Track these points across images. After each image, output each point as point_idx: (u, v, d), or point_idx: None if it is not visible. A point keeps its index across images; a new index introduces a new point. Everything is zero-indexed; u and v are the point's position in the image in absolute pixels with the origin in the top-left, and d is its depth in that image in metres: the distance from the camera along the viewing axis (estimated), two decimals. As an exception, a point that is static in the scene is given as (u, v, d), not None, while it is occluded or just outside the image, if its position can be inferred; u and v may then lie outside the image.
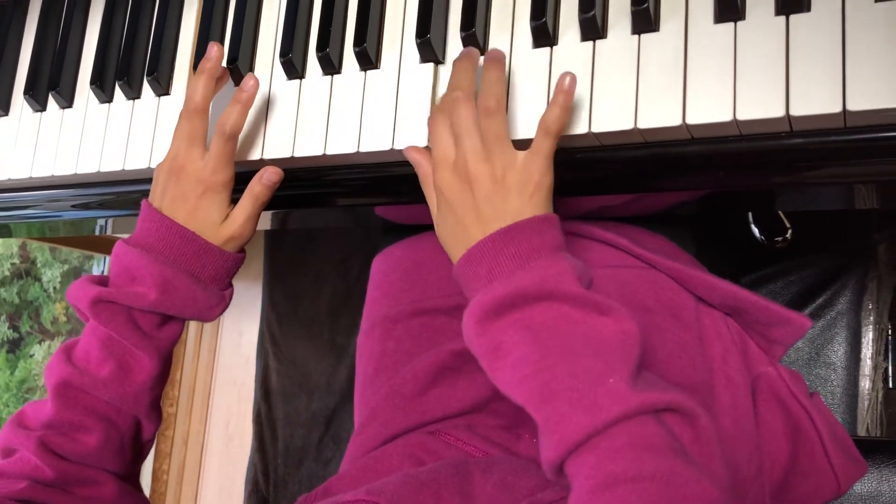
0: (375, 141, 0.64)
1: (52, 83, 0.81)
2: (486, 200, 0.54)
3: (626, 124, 0.55)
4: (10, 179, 0.83)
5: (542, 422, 0.47)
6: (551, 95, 0.58)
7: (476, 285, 0.53)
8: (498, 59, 0.58)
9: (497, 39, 0.61)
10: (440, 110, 0.58)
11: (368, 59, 0.65)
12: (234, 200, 0.67)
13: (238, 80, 0.72)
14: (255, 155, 0.69)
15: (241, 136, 0.70)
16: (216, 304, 0.67)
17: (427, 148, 0.61)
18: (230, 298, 0.69)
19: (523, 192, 0.54)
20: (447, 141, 0.57)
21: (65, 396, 0.63)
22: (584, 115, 0.57)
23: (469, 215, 0.55)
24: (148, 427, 0.68)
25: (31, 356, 1.85)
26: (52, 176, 0.80)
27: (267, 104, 0.70)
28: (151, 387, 0.65)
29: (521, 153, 0.55)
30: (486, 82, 0.57)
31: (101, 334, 0.63)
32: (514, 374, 0.49)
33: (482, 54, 0.62)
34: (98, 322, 0.63)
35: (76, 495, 0.63)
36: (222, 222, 0.66)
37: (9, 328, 1.79)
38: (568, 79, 0.55)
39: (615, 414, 0.45)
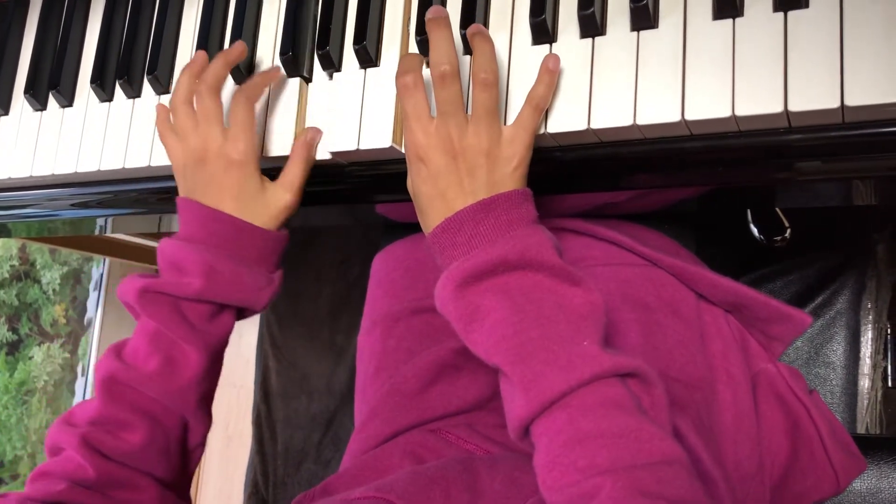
0: (375, 138, 0.64)
1: (52, 82, 0.82)
2: (471, 173, 0.55)
3: (625, 121, 0.55)
4: (10, 178, 0.83)
5: (518, 379, 0.49)
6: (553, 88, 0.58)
7: (455, 252, 0.54)
8: (482, 31, 0.58)
9: (496, 36, 0.61)
10: (411, 70, 0.57)
11: (368, 57, 0.66)
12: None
13: (238, 78, 0.72)
14: (255, 153, 0.69)
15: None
16: (264, 286, 0.66)
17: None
18: (279, 282, 0.68)
19: (507, 166, 0.56)
20: (423, 104, 0.57)
21: (110, 392, 0.61)
22: (582, 111, 0.57)
23: (452, 187, 0.55)
24: (196, 429, 0.66)
25: (31, 358, 1.85)
26: (53, 175, 0.80)
27: (267, 102, 0.70)
28: (199, 382, 0.64)
29: (506, 127, 0.57)
30: (480, 56, 0.57)
31: (150, 328, 0.62)
32: (491, 335, 0.51)
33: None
34: (146, 315, 0.62)
35: (115, 499, 0.60)
36: (264, 194, 0.65)
37: (8, 330, 1.79)
38: (552, 59, 0.57)
39: (589, 374, 0.47)
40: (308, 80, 0.70)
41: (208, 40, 0.74)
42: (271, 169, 0.69)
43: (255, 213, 0.65)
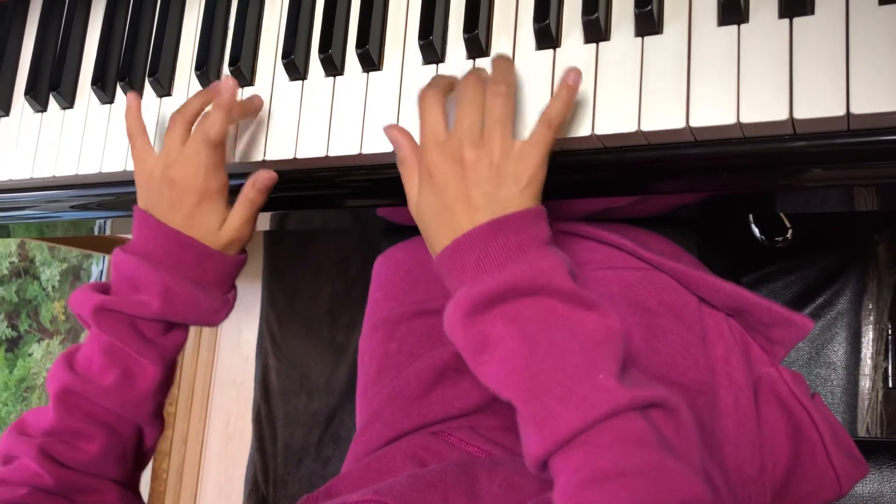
0: (378, 143, 0.64)
1: (52, 84, 0.81)
2: (478, 186, 0.53)
3: (629, 127, 0.55)
4: (10, 180, 0.83)
5: (530, 416, 0.47)
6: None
7: (463, 276, 0.52)
8: (506, 58, 0.58)
9: (499, 41, 0.61)
10: (435, 87, 0.57)
11: (371, 61, 0.65)
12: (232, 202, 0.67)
13: (240, 80, 0.71)
14: (257, 156, 0.69)
15: (244, 138, 0.70)
16: (220, 307, 0.67)
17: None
18: (234, 301, 0.69)
19: (517, 183, 0.53)
20: (439, 121, 0.55)
21: (66, 403, 0.62)
22: (587, 117, 0.57)
23: (459, 201, 0.53)
24: (150, 434, 0.68)
25: (30, 355, 1.85)
26: (54, 177, 0.80)
27: (269, 105, 0.70)
28: (154, 394, 0.65)
29: (518, 142, 0.54)
30: (498, 70, 0.56)
31: (104, 342, 0.63)
32: (501, 367, 0.49)
33: (486, 55, 0.62)
34: (101, 330, 0.63)
35: (78, 502, 0.62)
36: (220, 227, 0.66)
37: (7, 327, 1.79)
38: (573, 74, 0.55)
39: (605, 410, 0.45)
40: (310, 83, 0.70)
41: (210, 43, 0.74)
42: (275, 171, 0.68)
43: (215, 240, 0.66)
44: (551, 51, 0.59)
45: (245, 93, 0.72)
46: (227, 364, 1.76)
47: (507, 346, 0.49)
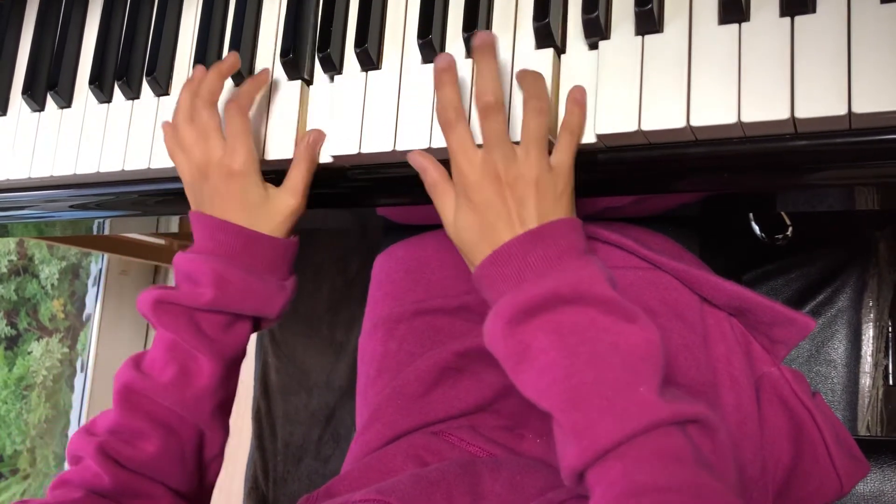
0: (377, 142, 0.63)
1: (50, 83, 0.81)
2: (521, 204, 0.54)
3: (629, 126, 0.55)
4: (8, 180, 0.83)
5: (570, 427, 0.47)
6: (558, 98, 0.58)
7: (503, 287, 0.52)
8: (538, 74, 0.57)
9: (499, 40, 0.61)
10: (453, 103, 0.57)
11: (370, 60, 0.65)
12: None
13: (238, 81, 0.71)
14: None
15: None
16: (276, 294, 0.66)
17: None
18: (292, 289, 0.68)
19: (553, 195, 0.54)
20: (467, 139, 0.56)
21: (127, 401, 0.62)
22: (588, 116, 0.57)
23: (500, 219, 0.54)
24: (212, 440, 0.66)
25: (30, 353, 1.85)
26: (51, 176, 0.80)
27: (268, 105, 0.70)
28: (213, 392, 0.64)
29: (550, 156, 0.56)
30: (529, 84, 0.56)
31: (166, 339, 0.63)
32: (542, 378, 0.49)
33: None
34: (161, 326, 0.63)
35: None
36: (268, 201, 0.65)
37: (6, 325, 1.79)
38: (578, 92, 0.57)
39: (645, 423, 0.45)
40: (309, 82, 0.69)
41: (208, 42, 0.73)
42: (274, 172, 0.68)
43: (261, 220, 0.65)
44: (551, 49, 0.59)
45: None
46: (226, 362, 1.76)
47: (548, 356, 0.49)
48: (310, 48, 0.69)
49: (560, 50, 0.60)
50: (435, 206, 0.59)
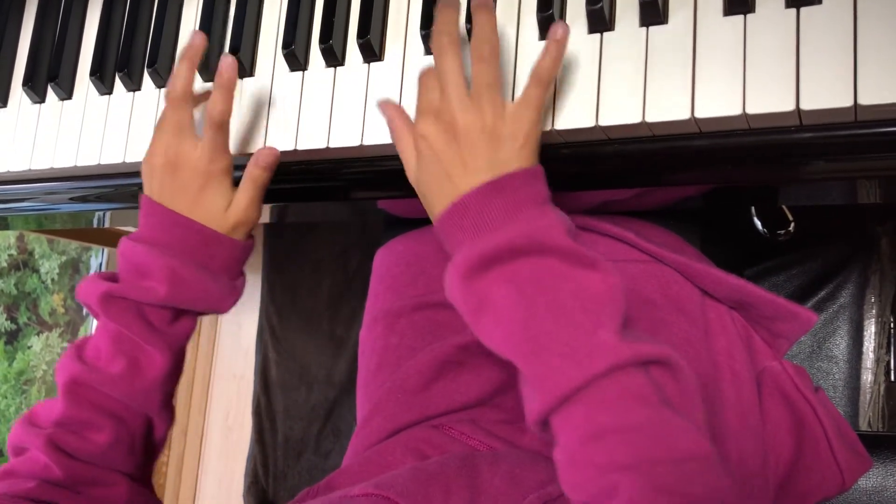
0: (379, 134, 0.63)
1: (51, 74, 0.81)
2: (474, 151, 0.52)
3: (633, 118, 0.54)
4: (8, 172, 0.83)
5: (531, 375, 0.47)
6: (557, 84, 0.57)
7: (461, 237, 0.52)
8: (485, 4, 0.56)
9: (503, 31, 0.61)
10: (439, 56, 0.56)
11: (372, 52, 0.65)
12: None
13: (242, 73, 0.71)
14: (257, 147, 0.69)
15: (243, 129, 0.70)
16: (228, 294, 0.66)
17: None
18: (242, 288, 0.68)
19: (513, 144, 0.52)
20: (434, 91, 0.55)
21: (75, 394, 0.62)
22: (591, 108, 0.56)
23: (455, 167, 0.53)
24: (160, 426, 0.67)
25: (30, 347, 1.85)
26: (52, 168, 0.79)
27: (269, 97, 0.69)
28: (163, 383, 0.64)
29: (511, 103, 0.54)
30: (478, 28, 0.55)
31: (112, 330, 0.63)
32: (501, 328, 0.49)
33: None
34: (108, 318, 0.62)
35: (86, 495, 0.62)
36: (227, 209, 0.65)
37: (6, 319, 1.79)
38: (560, 29, 0.54)
39: (605, 365, 0.45)
40: (308, 73, 0.69)
41: (210, 33, 0.73)
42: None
43: (221, 223, 0.65)
44: (555, 41, 0.59)
45: (245, 84, 0.71)
46: (226, 357, 1.76)
47: (506, 306, 0.49)
48: (312, 40, 0.69)
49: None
50: (400, 157, 0.58)
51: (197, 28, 0.75)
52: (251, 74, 0.71)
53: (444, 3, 0.56)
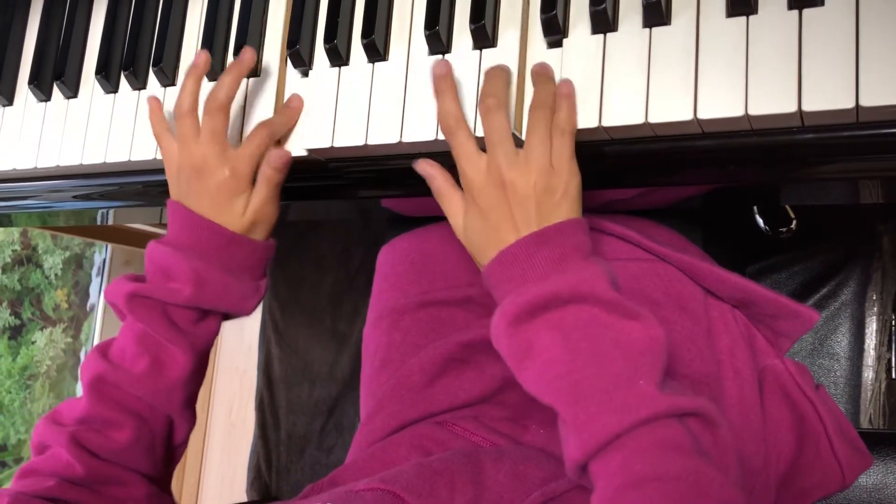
0: (384, 134, 0.63)
1: (56, 73, 0.81)
2: (520, 205, 0.54)
3: (636, 118, 0.55)
4: (14, 169, 0.83)
5: (571, 420, 0.48)
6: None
7: (508, 287, 0.54)
8: (547, 73, 0.58)
9: (506, 32, 0.61)
10: (456, 111, 0.58)
11: (377, 51, 0.65)
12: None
13: (252, 75, 0.71)
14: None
15: (250, 130, 0.70)
16: (251, 294, 0.68)
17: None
18: (265, 289, 0.69)
19: (554, 195, 0.55)
20: (471, 146, 0.57)
21: (98, 392, 0.63)
22: (594, 108, 0.56)
23: (504, 221, 0.55)
24: (181, 427, 0.68)
25: (33, 343, 1.85)
26: (57, 166, 0.80)
27: (276, 96, 0.70)
28: (185, 383, 0.65)
29: (551, 155, 0.56)
30: (540, 92, 0.57)
31: (137, 330, 0.64)
32: (543, 374, 0.50)
33: (492, 46, 0.61)
34: (134, 318, 0.63)
35: (105, 495, 0.62)
36: (254, 209, 0.66)
37: (10, 315, 1.79)
38: (565, 86, 0.57)
39: (644, 415, 0.46)
40: (313, 74, 0.69)
41: (214, 32, 0.73)
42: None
43: (240, 223, 0.66)
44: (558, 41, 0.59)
45: (249, 83, 0.71)
46: (229, 352, 1.77)
47: (550, 353, 0.50)
48: (316, 39, 0.69)
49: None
50: (444, 212, 0.60)
51: (202, 27, 0.75)
52: (256, 74, 0.71)
53: (495, 67, 0.59)
